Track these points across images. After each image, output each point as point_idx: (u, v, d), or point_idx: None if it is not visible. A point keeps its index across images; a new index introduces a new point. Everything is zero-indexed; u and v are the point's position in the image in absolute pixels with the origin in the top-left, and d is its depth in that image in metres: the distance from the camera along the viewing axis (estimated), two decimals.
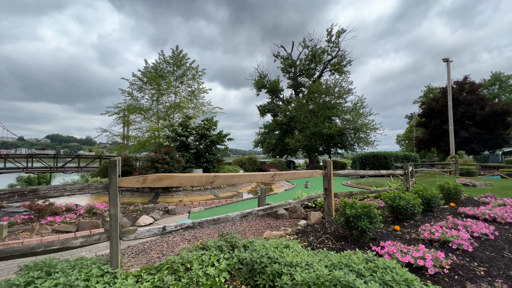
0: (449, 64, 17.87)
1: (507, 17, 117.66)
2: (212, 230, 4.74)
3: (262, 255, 2.25)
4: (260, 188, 5.79)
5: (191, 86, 15.73)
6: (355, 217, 3.37)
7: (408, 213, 4.32)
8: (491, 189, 8.86)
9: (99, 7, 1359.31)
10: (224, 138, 13.26)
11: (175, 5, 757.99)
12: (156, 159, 10.30)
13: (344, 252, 2.34)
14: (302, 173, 4.32)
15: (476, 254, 3.06)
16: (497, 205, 5.27)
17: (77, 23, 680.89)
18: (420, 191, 5.23)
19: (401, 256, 2.76)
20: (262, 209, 3.45)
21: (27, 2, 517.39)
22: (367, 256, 2.11)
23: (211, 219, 2.85)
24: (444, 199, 6.38)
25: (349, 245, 3.34)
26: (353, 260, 2.01)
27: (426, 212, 5.17)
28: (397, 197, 4.42)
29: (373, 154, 17.00)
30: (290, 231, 3.97)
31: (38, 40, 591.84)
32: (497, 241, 3.49)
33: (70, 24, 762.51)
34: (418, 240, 3.49)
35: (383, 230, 3.97)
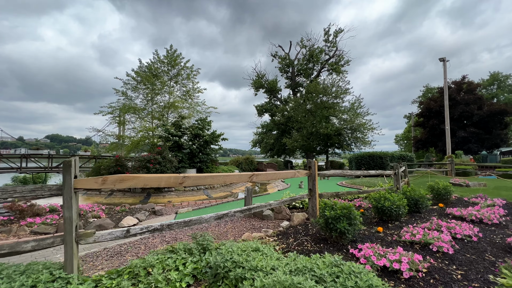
0: (445, 63, 17.79)
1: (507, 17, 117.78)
2: (197, 231, 4.66)
3: (227, 259, 2.17)
4: (246, 189, 5.71)
5: (186, 86, 15.66)
6: (334, 218, 3.29)
7: (393, 214, 4.23)
8: (485, 189, 8.78)
9: (99, 7, 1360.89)
10: (217, 138, 13.18)
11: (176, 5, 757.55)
12: (148, 159, 10.22)
13: (313, 255, 2.26)
14: (284, 173, 4.24)
15: (456, 256, 2.98)
16: (486, 205, 5.19)
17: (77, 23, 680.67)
18: (407, 191, 5.15)
19: (376, 259, 2.68)
20: (240, 210, 3.37)
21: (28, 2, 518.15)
22: (333, 260, 2.03)
23: (182, 221, 2.77)
24: (434, 200, 6.32)
25: (328, 248, 3.26)
26: (318, 265, 1.93)
27: (414, 213, 5.09)
28: (382, 198, 4.34)
29: (368, 154, 16.92)
30: (271, 232, 3.89)
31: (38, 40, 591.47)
32: (480, 243, 3.41)
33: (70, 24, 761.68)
34: (399, 242, 3.41)
35: (365, 232, 3.89)
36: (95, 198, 10.28)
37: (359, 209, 5.37)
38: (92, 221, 5.05)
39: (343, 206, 3.36)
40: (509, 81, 41.55)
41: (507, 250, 3.24)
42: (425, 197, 5.00)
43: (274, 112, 33.20)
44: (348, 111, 25.48)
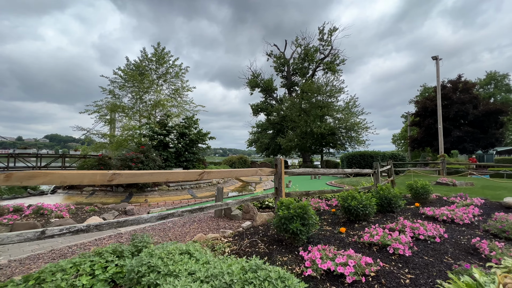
0: (438, 62, 17.61)
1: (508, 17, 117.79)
2: (156, 232, 4.46)
3: (143, 263, 1.98)
4: (217, 188, 5.53)
5: (174, 84, 15.46)
6: (287, 218, 3.11)
7: (360, 214, 4.05)
8: (471, 188, 8.61)
9: (100, 7, 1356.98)
10: (204, 137, 12.98)
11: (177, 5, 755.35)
12: (130, 158, 10.04)
13: (239, 259, 2.07)
14: (244, 171, 4.05)
15: (413, 259, 2.80)
16: (462, 205, 5.02)
17: (78, 23, 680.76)
18: (381, 190, 4.96)
19: (321, 263, 2.50)
20: (189, 210, 3.18)
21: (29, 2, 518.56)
22: (255, 263, 1.85)
23: (115, 221, 2.58)
24: (413, 199, 6.15)
25: (280, 249, 3.07)
26: (232, 270, 1.75)
27: (388, 212, 4.92)
28: (349, 197, 4.16)
29: (359, 153, 16.75)
30: (229, 233, 3.71)
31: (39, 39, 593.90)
32: (444, 245, 3.23)
33: (71, 23, 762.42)
34: (358, 244, 3.23)
35: (327, 233, 3.71)
36: (75, 197, 10.09)
37: (332, 209, 5.19)
38: (53, 221, 4.87)
39: (298, 205, 3.18)
40: (506, 80, 41.43)
41: (469, 252, 3.06)
42: (398, 197, 4.82)
43: (270, 112, 33.04)
44: (343, 110, 25.32)
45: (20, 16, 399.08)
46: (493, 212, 4.74)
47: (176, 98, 15.63)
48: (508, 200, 4.83)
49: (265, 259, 2.81)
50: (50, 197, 10.34)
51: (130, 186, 10.25)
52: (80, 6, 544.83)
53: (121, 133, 12.63)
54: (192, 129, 12.71)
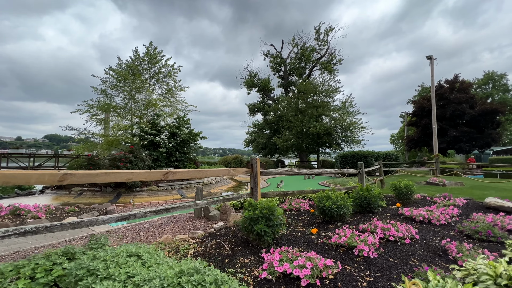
0: (433, 61, 17.55)
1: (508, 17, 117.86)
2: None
3: (82, 267, 1.92)
4: (197, 188, 5.46)
5: (167, 84, 15.38)
6: (253, 219, 3.05)
7: (334, 215, 3.99)
8: (460, 188, 8.55)
9: (101, 6, 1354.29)
10: (195, 137, 12.90)
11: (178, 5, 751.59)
12: (119, 158, 9.96)
13: (184, 261, 2.01)
14: (214, 171, 3.98)
15: (377, 261, 2.73)
16: (443, 205, 4.95)
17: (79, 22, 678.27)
18: (361, 191, 4.90)
19: (278, 265, 2.43)
20: (154, 210, 3.12)
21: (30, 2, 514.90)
22: (194, 266, 1.78)
23: (68, 222, 2.52)
24: (397, 199, 6.09)
25: (245, 251, 3.01)
26: (167, 274, 1.68)
27: (368, 213, 4.86)
28: (324, 198, 4.10)
29: (353, 153, 16.69)
30: (199, 234, 3.65)
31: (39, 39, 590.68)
32: (413, 246, 3.17)
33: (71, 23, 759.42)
34: (325, 245, 3.17)
35: (299, 234, 3.64)
36: (63, 198, 10.02)
37: (311, 209, 5.13)
38: (28, 222, 4.80)
39: (264, 206, 3.11)
40: (503, 80, 41.37)
41: (438, 253, 3.00)
42: (378, 197, 4.75)
43: (267, 111, 32.97)
44: (339, 110, 25.27)
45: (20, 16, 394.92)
46: (473, 212, 4.68)
47: (169, 98, 15.57)
48: (488, 200, 4.77)
49: (225, 261, 2.75)
50: (37, 197, 10.27)
51: (118, 186, 10.19)
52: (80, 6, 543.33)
53: (112, 133, 12.55)
54: (183, 129, 12.63)
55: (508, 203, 4.59)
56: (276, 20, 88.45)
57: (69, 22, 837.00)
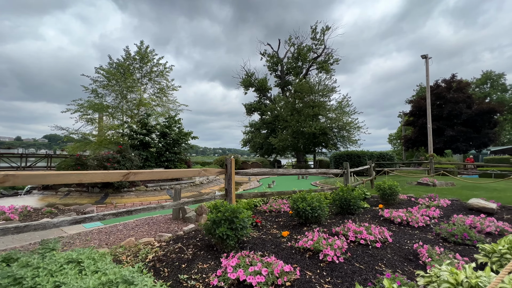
0: (428, 61, 17.42)
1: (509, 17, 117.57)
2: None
3: (8, 275, 1.79)
4: (175, 189, 5.33)
5: (159, 83, 15.25)
6: (215, 222, 2.92)
7: (309, 217, 3.86)
8: (450, 189, 8.43)
9: (102, 6, 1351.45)
10: (185, 136, 12.74)
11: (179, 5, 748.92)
12: (106, 158, 9.83)
13: (115, 269, 1.88)
14: (180, 172, 3.85)
15: (342, 266, 2.60)
16: (426, 206, 4.83)
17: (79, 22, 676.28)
18: (341, 191, 4.78)
19: (232, 271, 2.30)
20: (113, 213, 2.99)
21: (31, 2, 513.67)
22: (123, 274, 1.66)
23: (12, 226, 2.39)
24: (381, 200, 5.96)
25: (207, 255, 2.88)
26: (88, 284, 1.55)
27: (348, 214, 4.73)
28: (299, 199, 3.97)
29: (347, 153, 16.56)
30: (167, 237, 3.52)
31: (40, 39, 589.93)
32: (384, 250, 3.04)
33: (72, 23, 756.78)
34: (293, 249, 3.04)
35: (269, 236, 3.51)
36: (49, 198, 9.88)
37: (290, 211, 5.00)
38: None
39: (228, 208, 2.98)
40: (502, 80, 41.24)
41: (409, 258, 2.87)
42: (358, 198, 4.62)
43: (264, 111, 32.82)
44: (335, 110, 25.14)
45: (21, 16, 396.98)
46: (455, 214, 4.56)
47: (162, 98, 15.43)
48: (471, 201, 4.64)
49: (182, 266, 2.62)
50: (23, 198, 10.13)
51: (106, 186, 10.06)
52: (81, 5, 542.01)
53: (101, 133, 12.40)
54: (174, 128, 12.48)
55: (491, 204, 4.47)
56: (277, 20, 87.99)
57: (70, 22, 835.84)
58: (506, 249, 2.57)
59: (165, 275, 2.43)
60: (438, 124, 28.25)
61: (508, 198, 6.77)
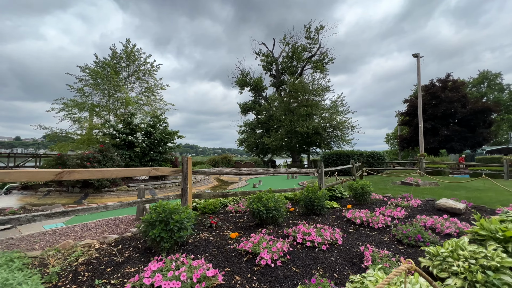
0: (419, 59, 17.27)
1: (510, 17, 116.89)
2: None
3: None
4: (139, 189, 5.19)
5: (147, 82, 15.10)
6: (151, 223, 2.78)
7: (264, 218, 3.72)
8: (432, 188, 8.29)
9: (103, 6, 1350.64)
10: (169, 136, 12.54)
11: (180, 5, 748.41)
12: (87, 157, 9.69)
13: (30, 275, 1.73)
14: (125, 171, 3.68)
15: (276, 270, 2.46)
16: (397, 206, 4.68)
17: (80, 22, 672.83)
18: (307, 191, 4.64)
19: (149, 276, 2.16)
20: (45, 214, 2.85)
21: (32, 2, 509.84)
22: (4, 278, 1.51)
23: None
24: (354, 200, 5.83)
25: (140, 258, 2.74)
26: None
27: (314, 215, 4.59)
28: (255, 199, 3.83)
29: (336, 152, 16.42)
30: (113, 238, 3.38)
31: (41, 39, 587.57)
32: (331, 252, 2.90)
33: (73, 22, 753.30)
34: (233, 252, 2.90)
35: (217, 238, 3.37)
36: (28, 198, 9.74)
37: None
38: None
39: (166, 208, 2.84)
40: (498, 79, 41.07)
41: (353, 261, 2.73)
42: (322, 198, 4.48)
43: (258, 111, 32.66)
44: (329, 109, 24.99)
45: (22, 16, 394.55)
46: (423, 214, 4.42)
47: (150, 97, 15.28)
48: (440, 202, 4.49)
49: (107, 270, 2.48)
50: (2, 197, 9.99)
51: (86, 186, 9.92)
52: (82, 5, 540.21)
53: (87, 131, 12.25)
54: (160, 127, 12.31)
55: (459, 205, 4.32)
56: (279, 20, 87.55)
57: (71, 21, 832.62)
58: (449, 252, 2.43)
59: (82, 280, 2.29)
60: (433, 124, 28.11)
61: (486, 198, 6.64)
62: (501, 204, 5.17)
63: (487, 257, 2.33)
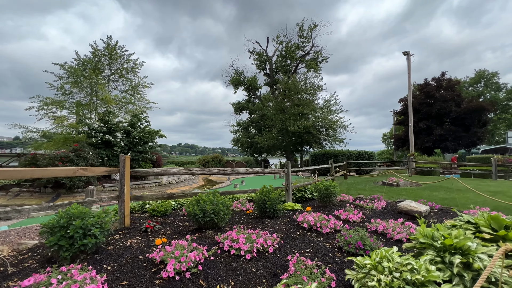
0: (409, 57, 16.96)
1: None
2: None
3: None
4: (86, 190, 4.89)
5: (131, 80, 14.79)
6: (51, 230, 2.48)
7: (201, 222, 3.42)
8: (412, 189, 7.99)
9: (105, 6, 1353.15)
10: (149, 134, 12.18)
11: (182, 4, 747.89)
12: (59, 157, 9.40)
13: None
14: (49, 170, 3.40)
15: (180, 283, 2.17)
16: (353, 209, 4.38)
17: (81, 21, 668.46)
18: (261, 193, 4.34)
19: None
20: None
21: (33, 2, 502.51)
22: None
23: None
24: (319, 201, 5.54)
25: (38, 269, 2.44)
26: None
27: (268, 218, 4.29)
28: (193, 202, 3.53)
29: (323, 152, 16.13)
30: (32, 244, 3.09)
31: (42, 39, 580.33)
32: (257, 261, 2.60)
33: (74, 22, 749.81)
34: (145, 261, 2.60)
35: (142, 244, 3.07)
36: None
37: None
38: None
39: (71, 213, 2.54)
40: (495, 79, 40.74)
41: (275, 272, 2.43)
42: (276, 200, 4.18)
43: (253, 110, 32.34)
44: (321, 109, 24.66)
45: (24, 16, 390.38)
46: (383, 217, 4.13)
47: (134, 95, 14.98)
48: (401, 204, 4.19)
49: None
50: None
51: (58, 186, 9.63)
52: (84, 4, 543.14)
53: (61, 131, 11.94)
54: (137, 126, 11.97)
55: (421, 207, 4.02)
56: (281, 19, 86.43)
57: (72, 21, 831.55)
58: (374, 263, 2.13)
59: None
60: (427, 123, 27.76)
61: (463, 199, 6.37)
62: (474, 206, 4.90)
63: (413, 270, 2.03)
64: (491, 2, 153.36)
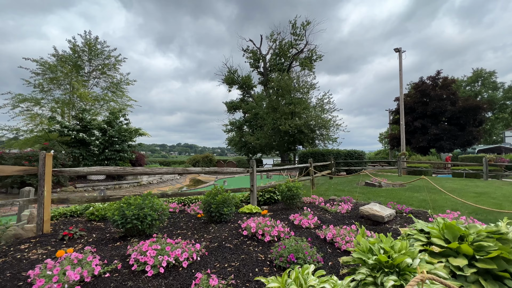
0: (401, 54, 16.53)
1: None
2: None
3: None
4: (21, 191, 4.46)
5: (113, 77, 14.31)
6: None
7: (129, 228, 2.98)
8: (393, 190, 7.56)
9: (106, 5, 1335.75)
10: (126, 132, 11.65)
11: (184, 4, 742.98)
12: (25, 156, 8.94)
13: None
14: None
15: None
16: (309, 213, 3.94)
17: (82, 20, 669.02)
18: (208, 195, 3.90)
19: None
20: None
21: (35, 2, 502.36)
22: None
23: None
24: (283, 203, 5.11)
25: None
26: None
27: (215, 223, 3.85)
28: (123, 205, 3.09)
29: (311, 151, 15.69)
30: None
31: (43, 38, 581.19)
32: (159, 280, 2.16)
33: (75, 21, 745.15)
34: (26, 279, 2.15)
35: (43, 257, 2.63)
36: None
37: None
38: None
39: None
40: (492, 78, 40.32)
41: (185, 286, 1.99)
42: (221, 203, 3.74)
43: (246, 110, 31.89)
44: (314, 107, 24.23)
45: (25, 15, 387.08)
46: (344, 221, 3.69)
47: (116, 92, 14.51)
48: (363, 208, 3.74)
49: None
50: None
51: (25, 187, 9.15)
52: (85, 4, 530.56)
53: (34, 129, 11.49)
54: (114, 124, 11.47)
55: (384, 211, 3.58)
56: (283, 18, 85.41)
57: (74, 20, 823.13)
58: (282, 286, 1.69)
59: None
60: (423, 122, 27.34)
61: (443, 200, 5.95)
62: (452, 209, 4.47)
63: None
64: (493, 2, 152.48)
